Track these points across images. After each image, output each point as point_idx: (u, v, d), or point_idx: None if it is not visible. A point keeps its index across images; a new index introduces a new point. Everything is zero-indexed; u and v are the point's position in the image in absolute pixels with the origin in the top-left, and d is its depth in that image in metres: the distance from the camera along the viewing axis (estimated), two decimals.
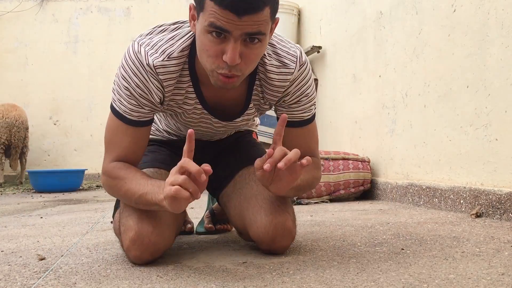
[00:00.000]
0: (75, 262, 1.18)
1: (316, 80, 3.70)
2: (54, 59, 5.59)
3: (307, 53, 3.65)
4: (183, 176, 0.94)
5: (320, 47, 3.56)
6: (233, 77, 1.01)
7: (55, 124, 5.58)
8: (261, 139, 3.44)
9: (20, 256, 1.28)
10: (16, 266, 1.15)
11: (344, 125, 3.21)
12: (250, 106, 1.20)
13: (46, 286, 0.96)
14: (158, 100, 1.11)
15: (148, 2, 5.67)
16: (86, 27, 5.67)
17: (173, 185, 0.94)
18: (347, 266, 1.04)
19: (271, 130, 3.61)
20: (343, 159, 2.72)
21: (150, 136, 1.40)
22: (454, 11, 2.00)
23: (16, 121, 4.58)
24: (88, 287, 0.94)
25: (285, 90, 1.16)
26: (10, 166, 4.74)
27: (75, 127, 5.58)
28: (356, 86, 3.00)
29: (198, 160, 1.38)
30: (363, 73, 2.90)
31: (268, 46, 1.12)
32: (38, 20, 5.61)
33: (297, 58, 1.13)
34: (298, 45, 1.17)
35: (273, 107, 1.25)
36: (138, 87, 1.08)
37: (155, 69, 1.06)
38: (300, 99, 1.18)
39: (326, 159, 2.70)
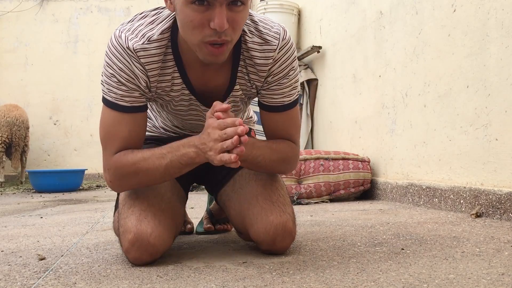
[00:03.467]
0: (75, 262, 1.18)
1: (316, 80, 3.70)
2: (54, 59, 5.60)
3: (307, 53, 3.65)
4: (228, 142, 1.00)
5: (320, 47, 3.56)
6: (223, 45, 1.00)
7: (55, 124, 5.58)
8: (260, 138, 3.43)
9: (20, 256, 1.28)
10: (16, 266, 1.15)
11: (344, 125, 3.22)
12: (236, 88, 1.18)
13: (46, 286, 0.96)
14: (145, 84, 1.10)
15: (148, 2, 5.67)
16: (86, 27, 5.67)
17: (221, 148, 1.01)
18: (347, 266, 1.04)
19: None
20: (343, 159, 2.72)
21: (148, 133, 1.39)
22: (454, 11, 2.00)
23: (17, 120, 4.62)
24: (88, 287, 0.94)
25: (269, 69, 1.14)
26: (12, 165, 4.76)
27: (75, 127, 5.59)
28: (356, 86, 3.00)
29: None
30: (363, 73, 2.90)
31: (250, 23, 1.12)
32: (38, 20, 5.61)
33: (280, 35, 1.11)
34: (283, 25, 1.15)
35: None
36: (123, 72, 1.07)
37: (135, 52, 1.06)
38: (281, 81, 1.15)
39: (326, 159, 2.70)
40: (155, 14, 1.11)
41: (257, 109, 1.33)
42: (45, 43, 5.60)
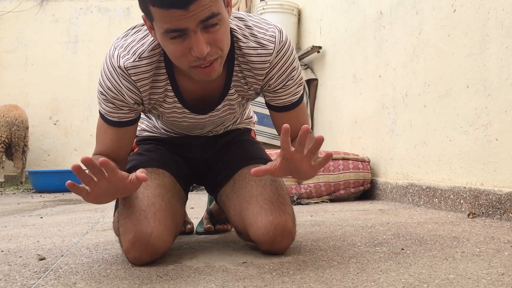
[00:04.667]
0: (75, 262, 1.18)
1: (316, 80, 3.70)
2: (54, 59, 5.60)
3: (307, 53, 3.65)
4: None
5: (320, 47, 3.56)
6: (211, 63, 1.00)
7: (55, 124, 5.58)
8: (261, 139, 3.44)
9: (20, 256, 1.28)
10: (16, 266, 1.15)
11: (344, 125, 3.22)
12: (231, 92, 1.18)
13: (46, 286, 0.96)
14: (132, 102, 1.12)
15: None
16: (86, 27, 5.67)
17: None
18: (347, 266, 1.04)
19: (271, 130, 3.61)
20: (343, 159, 2.72)
21: (148, 133, 1.40)
22: (454, 11, 2.00)
23: (16, 120, 4.62)
24: (88, 287, 0.94)
25: (267, 72, 1.13)
26: (14, 165, 4.77)
27: (75, 127, 5.59)
28: (356, 86, 3.00)
29: (197, 159, 1.38)
30: (363, 73, 2.90)
31: (245, 28, 1.11)
32: (38, 20, 5.61)
33: (275, 38, 1.10)
34: (278, 26, 1.14)
35: (261, 93, 1.23)
36: (110, 91, 1.10)
37: (126, 70, 1.07)
38: (285, 83, 1.16)
39: None
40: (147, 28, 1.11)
41: (258, 109, 1.33)
42: (45, 43, 5.60)
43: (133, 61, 1.07)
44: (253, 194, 1.21)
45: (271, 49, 1.10)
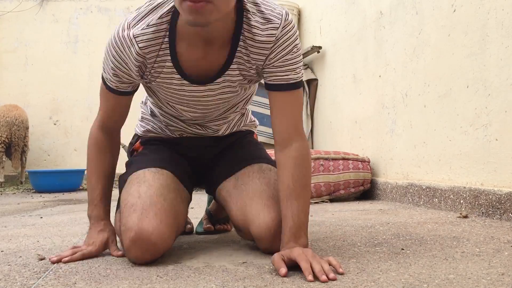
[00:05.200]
0: (75, 262, 1.18)
1: (316, 80, 3.70)
2: (54, 59, 5.59)
3: (307, 53, 3.65)
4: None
5: (320, 47, 3.56)
6: (201, 1, 0.98)
7: (55, 124, 5.58)
8: (261, 139, 3.43)
9: (20, 256, 1.28)
10: (16, 266, 1.15)
11: (344, 125, 3.22)
12: (233, 67, 1.18)
13: (46, 286, 0.96)
14: (136, 69, 1.15)
15: None
16: (86, 27, 5.66)
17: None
18: (347, 266, 1.04)
19: (271, 130, 3.60)
20: (343, 159, 2.72)
21: (153, 135, 1.40)
22: (454, 11, 2.00)
23: (16, 120, 4.61)
24: (88, 287, 0.94)
25: (271, 47, 1.14)
26: (12, 165, 4.76)
27: (75, 127, 5.58)
28: (356, 86, 3.00)
29: (201, 159, 1.39)
30: (363, 73, 2.90)
31: (252, 6, 1.14)
32: (38, 20, 5.61)
33: (282, 16, 1.13)
34: (286, 8, 1.17)
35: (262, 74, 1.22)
36: (115, 59, 1.15)
37: (134, 38, 1.12)
38: (285, 57, 1.15)
39: (326, 159, 2.70)
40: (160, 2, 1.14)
41: (257, 109, 1.33)
42: (45, 43, 5.59)
43: (141, 29, 1.11)
44: (256, 191, 1.22)
45: (278, 23, 1.12)
